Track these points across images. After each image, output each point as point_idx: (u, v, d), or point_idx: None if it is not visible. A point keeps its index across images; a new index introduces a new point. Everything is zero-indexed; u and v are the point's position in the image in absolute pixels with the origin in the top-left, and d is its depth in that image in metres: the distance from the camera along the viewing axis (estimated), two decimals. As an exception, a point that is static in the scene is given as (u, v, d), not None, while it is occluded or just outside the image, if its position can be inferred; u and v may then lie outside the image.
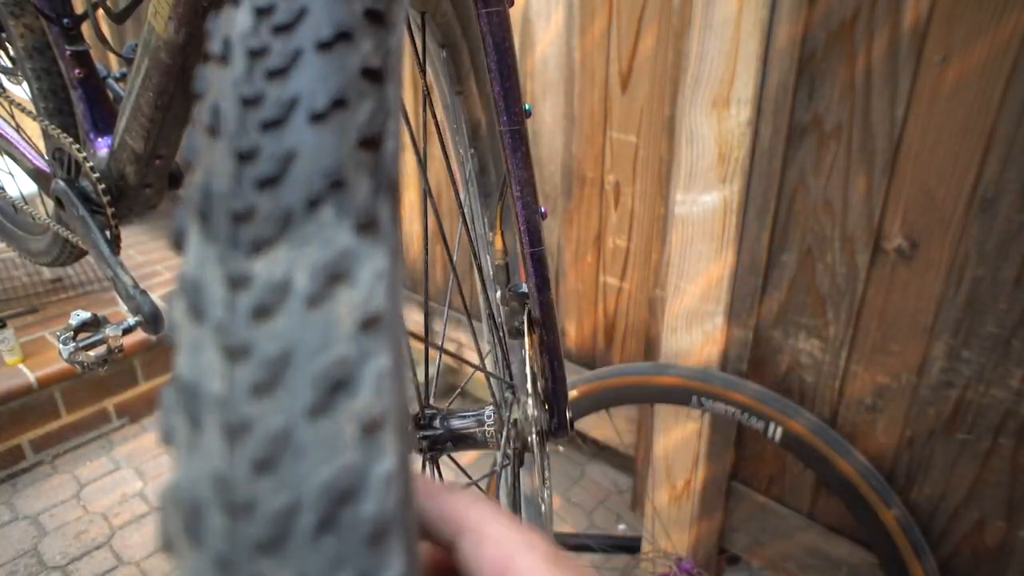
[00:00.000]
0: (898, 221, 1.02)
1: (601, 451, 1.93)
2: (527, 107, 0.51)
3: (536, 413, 0.58)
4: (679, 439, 1.34)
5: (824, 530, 1.27)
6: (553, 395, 0.62)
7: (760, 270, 1.18)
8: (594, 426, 1.64)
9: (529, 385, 0.59)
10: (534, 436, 0.58)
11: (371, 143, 0.21)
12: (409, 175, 1.86)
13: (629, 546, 1.54)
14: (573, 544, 1.55)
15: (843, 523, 1.25)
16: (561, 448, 1.95)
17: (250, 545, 0.17)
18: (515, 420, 0.59)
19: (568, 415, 0.64)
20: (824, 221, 1.09)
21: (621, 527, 1.69)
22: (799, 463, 1.27)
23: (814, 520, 1.29)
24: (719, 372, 1.25)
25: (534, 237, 0.54)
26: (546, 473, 0.61)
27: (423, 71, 0.54)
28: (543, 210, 0.55)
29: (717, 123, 1.11)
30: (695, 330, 1.26)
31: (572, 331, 1.65)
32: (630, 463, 1.78)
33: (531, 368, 0.60)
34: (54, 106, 0.88)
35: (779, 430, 1.15)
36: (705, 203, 1.17)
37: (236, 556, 0.17)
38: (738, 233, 1.17)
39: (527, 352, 0.60)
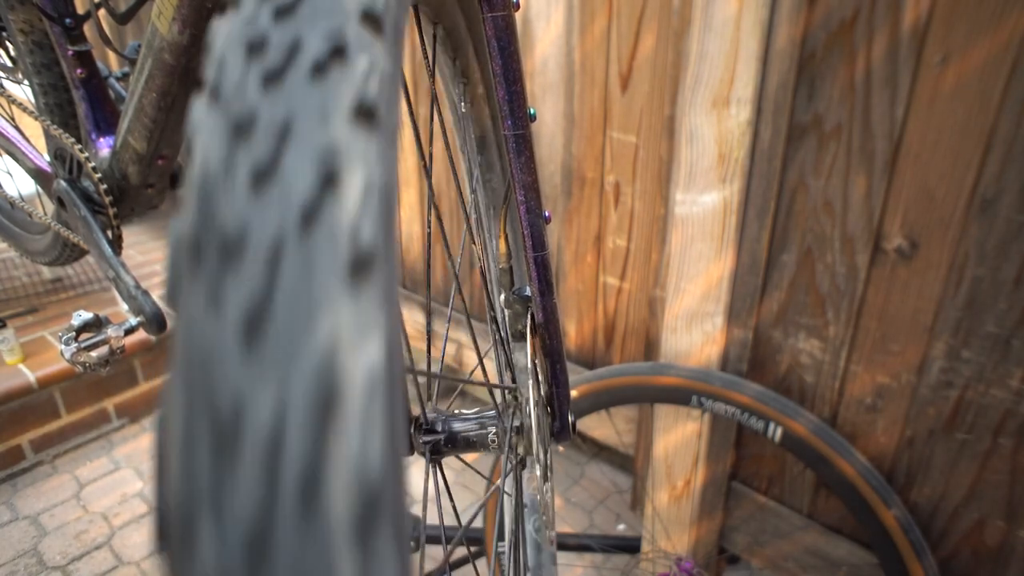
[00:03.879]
0: (898, 221, 1.02)
1: (601, 451, 1.93)
2: (532, 112, 0.51)
3: (539, 417, 0.59)
4: (679, 439, 1.34)
5: (824, 530, 1.27)
6: (556, 399, 0.62)
7: (760, 270, 1.18)
8: (594, 426, 1.64)
9: (532, 389, 0.59)
10: (536, 440, 0.58)
11: None
12: (410, 173, 1.86)
13: (629, 546, 1.54)
14: (573, 544, 1.55)
15: (843, 523, 1.25)
16: (561, 448, 1.95)
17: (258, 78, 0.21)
18: (518, 424, 0.59)
19: (571, 418, 0.64)
20: (824, 221, 1.09)
21: (621, 527, 1.69)
22: (799, 463, 1.28)
23: (814, 520, 1.29)
24: (719, 372, 1.25)
25: (538, 241, 0.55)
26: (549, 476, 0.61)
27: (432, 75, 0.54)
28: (547, 214, 0.55)
29: (717, 123, 1.11)
30: (695, 330, 1.27)
31: (572, 331, 1.65)
32: (630, 463, 1.78)
33: (534, 371, 0.60)
34: (55, 102, 0.88)
35: (779, 430, 1.15)
36: (705, 203, 1.17)
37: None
38: (738, 233, 1.17)
39: (530, 355, 0.60)
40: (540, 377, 0.61)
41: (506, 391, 0.65)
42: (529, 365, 0.59)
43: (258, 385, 0.17)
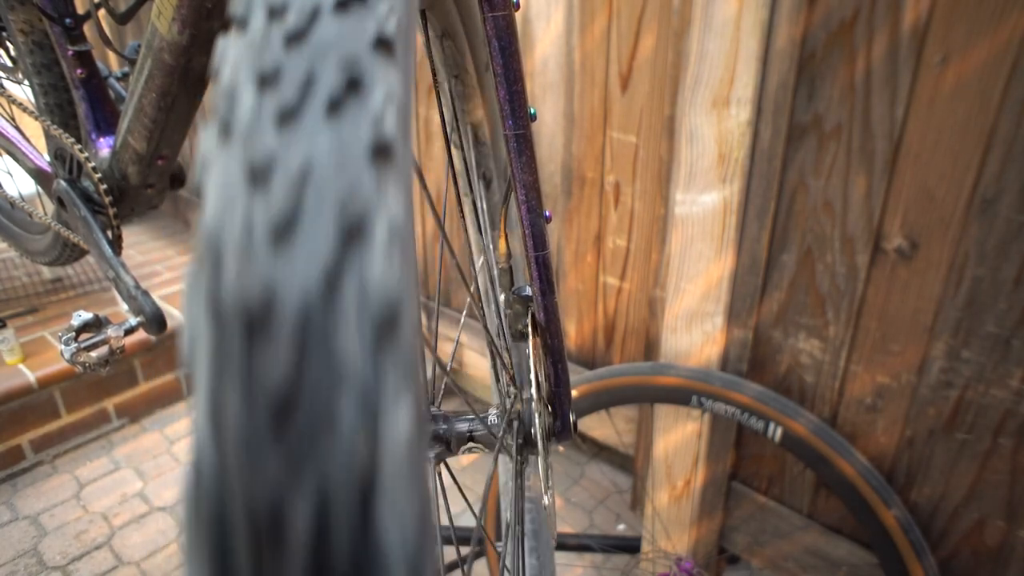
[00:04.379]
0: (898, 221, 1.02)
1: (601, 451, 1.93)
2: (532, 111, 0.51)
3: (540, 416, 0.59)
4: (679, 439, 1.34)
5: (824, 530, 1.27)
6: (557, 398, 0.62)
7: (760, 270, 1.18)
8: (594, 426, 1.64)
9: (534, 389, 0.59)
10: (539, 440, 0.58)
11: None
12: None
13: (629, 546, 1.54)
14: (573, 544, 1.55)
15: (843, 523, 1.25)
16: (561, 448, 1.95)
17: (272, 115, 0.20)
18: (519, 423, 0.59)
19: (572, 418, 0.64)
20: (824, 221, 1.09)
21: (621, 527, 1.69)
22: (799, 463, 1.28)
23: (814, 520, 1.29)
24: (719, 372, 1.25)
25: (539, 241, 0.55)
26: (550, 475, 0.61)
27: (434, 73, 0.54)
28: (547, 214, 0.55)
29: (717, 123, 1.11)
30: (695, 330, 1.27)
31: (572, 331, 1.65)
32: (630, 463, 1.79)
33: (535, 371, 0.60)
34: (55, 102, 0.88)
35: (779, 430, 1.15)
36: (705, 203, 1.17)
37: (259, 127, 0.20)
38: (738, 233, 1.17)
39: (531, 355, 0.60)
40: (541, 376, 0.61)
41: (508, 389, 0.65)
42: (531, 364, 0.59)
43: (295, 477, 0.17)
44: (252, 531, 0.16)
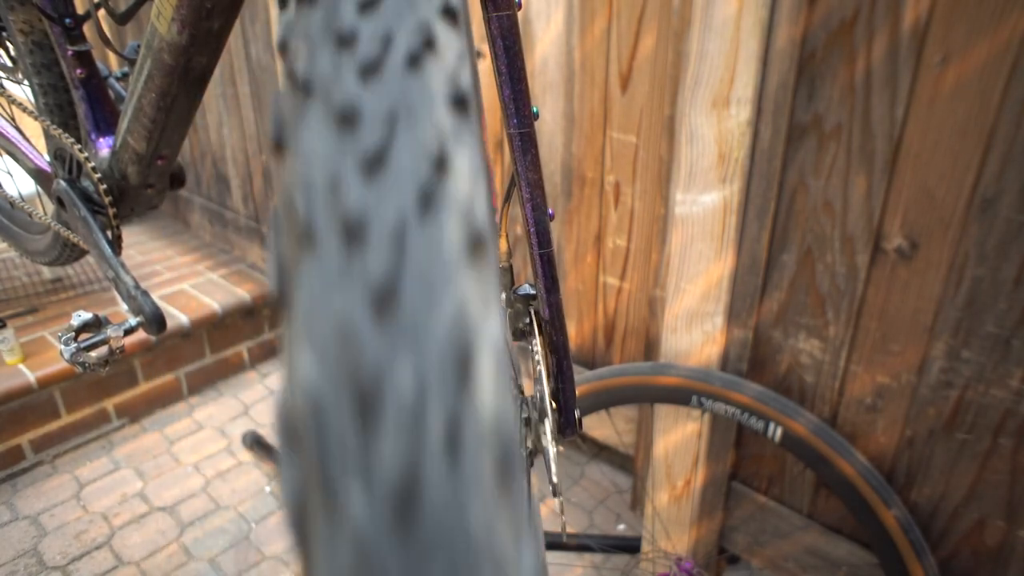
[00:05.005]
0: (898, 221, 1.02)
1: (601, 451, 1.93)
2: (535, 110, 0.51)
3: (546, 413, 0.59)
4: (679, 439, 1.34)
5: (824, 530, 1.27)
6: (562, 394, 0.63)
7: (760, 270, 1.18)
8: (594, 426, 1.64)
9: (541, 384, 0.59)
10: (547, 436, 0.58)
11: None
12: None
13: (629, 546, 1.54)
14: (573, 544, 1.55)
15: (843, 523, 1.25)
16: (561, 448, 1.95)
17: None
18: (526, 420, 0.59)
19: (577, 414, 0.64)
20: (824, 221, 1.09)
21: (621, 527, 1.69)
22: (799, 463, 1.28)
23: (814, 520, 1.29)
24: (719, 372, 1.25)
25: (543, 239, 0.55)
26: (555, 473, 0.61)
27: None
28: (551, 212, 0.55)
29: (717, 123, 1.11)
30: (695, 330, 1.27)
31: (572, 331, 1.65)
32: (630, 463, 1.79)
33: (543, 368, 0.60)
34: (54, 102, 0.88)
35: (779, 430, 1.15)
36: (705, 203, 1.17)
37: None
38: (738, 233, 1.17)
39: (537, 352, 0.60)
40: (545, 372, 0.61)
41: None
42: (540, 360, 0.59)
43: (397, 355, 0.18)
44: (356, 396, 0.17)
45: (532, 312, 0.63)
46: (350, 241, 0.19)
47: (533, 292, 0.62)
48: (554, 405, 0.63)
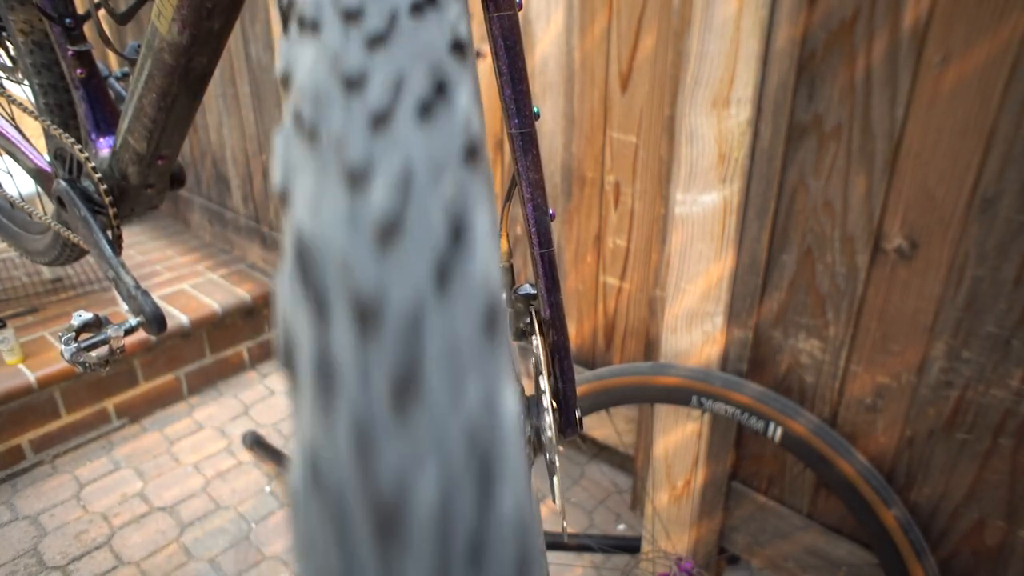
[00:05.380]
0: (898, 221, 1.02)
1: (601, 451, 1.93)
2: (536, 110, 0.51)
3: (547, 412, 0.59)
4: (679, 439, 1.34)
5: (824, 530, 1.27)
6: (563, 394, 0.63)
7: (760, 270, 1.18)
8: (594, 426, 1.64)
9: (540, 384, 0.59)
10: (549, 435, 0.58)
11: None
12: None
13: (629, 546, 1.54)
14: (573, 544, 1.55)
15: (843, 523, 1.25)
16: (561, 448, 1.95)
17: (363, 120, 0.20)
18: (528, 420, 0.59)
19: (577, 413, 0.64)
20: (824, 221, 1.09)
21: (621, 527, 1.69)
22: (799, 463, 1.28)
23: (814, 520, 1.29)
24: (719, 372, 1.25)
25: (544, 239, 0.55)
26: (556, 472, 0.61)
27: None
28: (551, 212, 0.55)
29: (717, 123, 1.11)
30: (695, 330, 1.27)
31: (572, 331, 1.65)
32: (630, 463, 1.79)
33: (544, 367, 0.60)
34: (55, 102, 0.88)
35: (779, 430, 1.15)
36: (705, 203, 1.18)
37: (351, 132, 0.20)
38: (738, 233, 1.17)
39: (538, 352, 0.60)
40: (546, 372, 0.61)
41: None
42: (542, 360, 0.59)
43: (419, 452, 0.17)
44: (377, 511, 0.16)
45: (533, 312, 0.63)
46: (364, 328, 0.18)
47: (534, 292, 0.62)
48: (555, 405, 0.63)
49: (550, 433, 0.59)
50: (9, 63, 0.96)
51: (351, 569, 0.16)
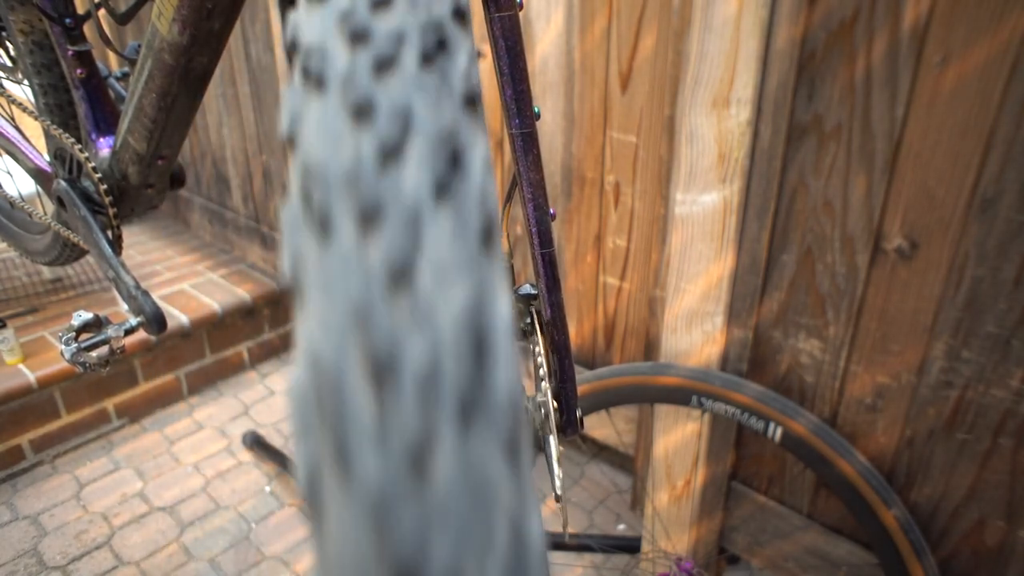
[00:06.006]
0: (898, 221, 1.02)
1: (601, 451, 1.93)
2: (536, 110, 0.51)
3: (548, 412, 0.59)
4: (679, 439, 1.34)
5: (824, 530, 1.27)
6: (563, 394, 0.63)
7: (760, 270, 1.18)
8: (594, 426, 1.64)
9: (541, 384, 0.59)
10: (551, 434, 0.58)
11: None
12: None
13: (629, 546, 1.54)
14: (573, 544, 1.55)
15: (843, 523, 1.25)
16: (562, 448, 1.95)
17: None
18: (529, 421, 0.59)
19: (578, 413, 0.64)
20: (824, 221, 1.09)
21: (621, 527, 1.69)
22: (799, 463, 1.28)
23: (814, 520, 1.29)
24: (719, 372, 1.25)
25: (544, 238, 0.55)
26: (558, 471, 0.61)
27: None
28: (552, 212, 0.55)
29: (717, 123, 1.11)
30: (695, 330, 1.27)
31: (572, 331, 1.65)
32: (630, 463, 1.79)
33: (545, 367, 0.60)
34: (55, 102, 0.88)
35: (779, 430, 1.15)
36: (705, 203, 1.18)
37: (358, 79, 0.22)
38: (738, 233, 1.17)
39: (540, 352, 0.60)
40: (547, 372, 0.61)
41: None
42: (543, 360, 0.59)
43: (413, 330, 0.18)
44: (374, 364, 0.18)
45: (533, 312, 0.63)
46: (365, 229, 0.19)
47: (534, 292, 0.62)
48: (555, 405, 0.63)
49: (551, 433, 0.59)
50: (9, 63, 0.96)
51: (348, 412, 0.17)
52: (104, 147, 0.82)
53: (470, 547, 0.17)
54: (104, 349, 0.76)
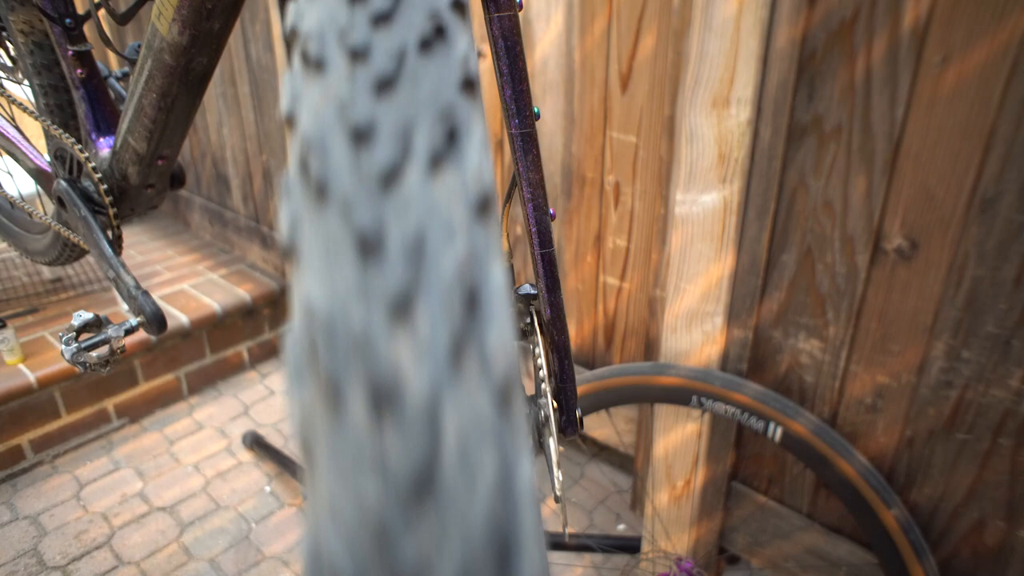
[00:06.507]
0: (898, 221, 1.02)
1: (601, 451, 1.93)
2: (536, 110, 0.51)
3: (548, 412, 0.59)
4: (679, 439, 1.34)
5: (824, 530, 1.27)
6: (563, 394, 0.63)
7: (760, 270, 1.18)
8: (594, 426, 1.64)
9: (541, 384, 0.59)
10: (551, 435, 0.58)
11: None
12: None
13: (629, 546, 1.54)
14: (573, 544, 1.55)
15: (843, 523, 1.25)
16: (562, 448, 1.95)
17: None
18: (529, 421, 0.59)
19: (578, 413, 0.64)
20: (824, 221, 1.09)
21: (621, 527, 1.69)
22: (799, 463, 1.28)
23: (814, 520, 1.29)
24: (719, 372, 1.25)
25: (544, 239, 0.55)
26: (558, 472, 0.61)
27: None
28: (552, 212, 0.55)
29: (717, 123, 1.11)
30: (695, 330, 1.27)
31: (572, 331, 1.65)
32: (630, 463, 1.79)
33: (545, 367, 0.60)
34: (55, 102, 0.88)
35: (779, 430, 1.15)
36: (705, 203, 1.18)
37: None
38: (738, 233, 1.17)
39: (540, 352, 0.60)
40: (547, 372, 0.61)
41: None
42: (543, 360, 0.59)
43: (440, 540, 0.17)
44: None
45: (533, 312, 0.63)
46: (381, 409, 0.17)
47: (534, 292, 0.62)
48: (555, 405, 0.63)
49: (551, 433, 0.59)
50: (9, 63, 0.96)
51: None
52: (104, 147, 0.82)
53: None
54: (104, 349, 0.76)
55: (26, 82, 0.91)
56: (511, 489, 0.17)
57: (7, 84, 1.00)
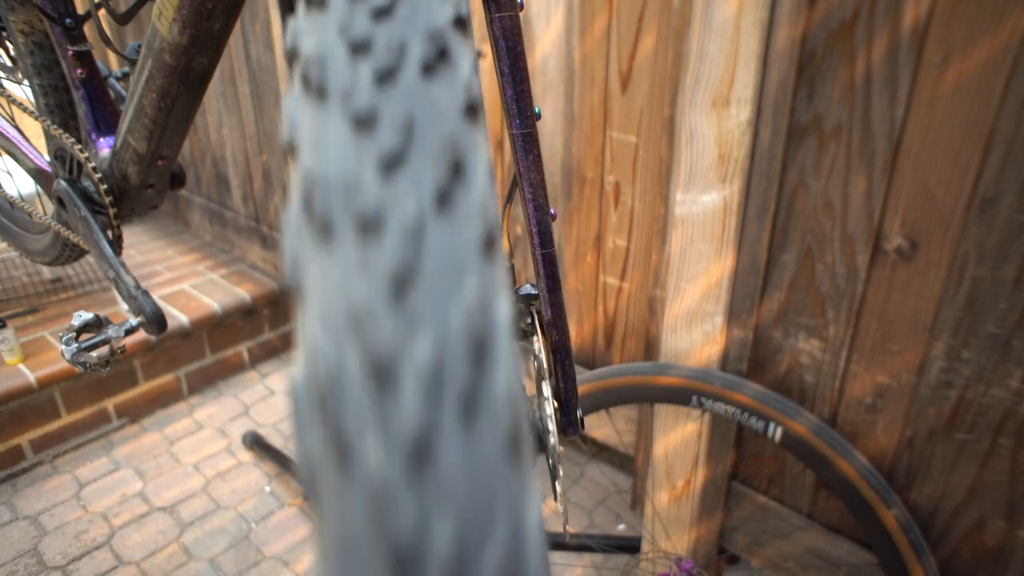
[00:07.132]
0: (898, 221, 1.02)
1: (601, 451, 1.93)
2: (537, 110, 0.51)
3: (549, 412, 0.59)
4: (679, 439, 1.34)
5: (824, 530, 1.27)
6: (564, 394, 0.63)
7: (760, 270, 1.18)
8: (594, 426, 1.64)
9: (541, 384, 0.59)
10: (551, 436, 0.58)
11: None
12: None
13: (629, 546, 1.54)
14: (573, 544, 1.55)
15: (843, 523, 1.25)
16: (562, 448, 1.95)
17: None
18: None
19: (578, 413, 0.64)
20: (824, 221, 1.09)
21: (621, 527, 1.69)
22: (799, 463, 1.28)
23: (814, 520, 1.29)
24: (719, 372, 1.25)
25: (545, 239, 0.55)
26: (559, 472, 0.61)
27: None
28: (552, 212, 0.55)
29: (717, 123, 1.11)
30: (695, 330, 1.27)
31: (572, 331, 1.65)
32: (630, 463, 1.79)
33: (545, 367, 0.60)
34: (55, 102, 0.88)
35: (779, 430, 1.15)
36: (705, 203, 1.18)
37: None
38: (738, 233, 1.17)
39: (540, 352, 0.60)
40: (548, 372, 0.61)
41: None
42: (543, 360, 0.59)
43: (415, 331, 0.18)
44: (374, 366, 0.18)
45: (534, 312, 0.63)
46: (366, 234, 0.19)
47: (535, 292, 0.62)
48: (556, 405, 0.63)
49: (551, 434, 0.59)
50: (9, 63, 0.96)
51: (348, 409, 0.18)
52: (104, 147, 0.82)
53: (470, 536, 0.17)
54: (104, 349, 0.76)
55: (26, 82, 0.91)
56: (487, 309, 0.19)
57: (7, 84, 1.00)
